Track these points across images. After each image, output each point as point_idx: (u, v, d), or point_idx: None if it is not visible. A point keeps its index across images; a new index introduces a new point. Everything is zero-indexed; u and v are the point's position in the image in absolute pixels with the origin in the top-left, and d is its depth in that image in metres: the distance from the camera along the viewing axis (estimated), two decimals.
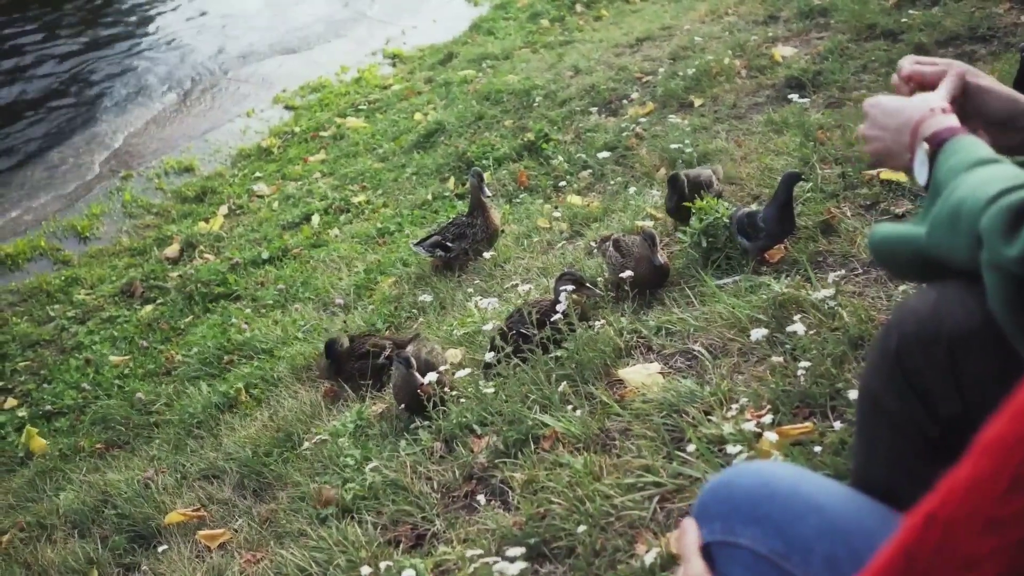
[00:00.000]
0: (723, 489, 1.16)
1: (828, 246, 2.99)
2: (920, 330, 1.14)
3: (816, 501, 1.08)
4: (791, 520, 1.07)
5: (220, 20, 11.81)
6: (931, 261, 1.16)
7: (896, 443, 1.21)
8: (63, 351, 5.48)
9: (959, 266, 1.10)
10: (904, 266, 1.24)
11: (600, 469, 2.20)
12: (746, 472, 1.17)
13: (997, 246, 1.00)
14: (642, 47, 6.59)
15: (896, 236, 1.22)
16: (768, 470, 1.16)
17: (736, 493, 1.14)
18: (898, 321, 1.18)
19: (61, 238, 7.15)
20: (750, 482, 1.14)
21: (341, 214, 6.02)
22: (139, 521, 3.23)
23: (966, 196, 1.09)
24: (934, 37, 4.55)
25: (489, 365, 2.91)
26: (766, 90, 4.84)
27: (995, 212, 1.02)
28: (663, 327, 2.82)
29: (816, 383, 2.21)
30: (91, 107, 9.47)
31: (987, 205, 1.04)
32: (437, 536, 2.34)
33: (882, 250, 1.25)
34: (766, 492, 1.12)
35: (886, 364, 1.18)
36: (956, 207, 1.10)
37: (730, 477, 1.18)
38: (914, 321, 1.15)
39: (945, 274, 1.15)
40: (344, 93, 8.93)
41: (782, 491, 1.11)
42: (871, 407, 1.23)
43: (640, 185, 4.28)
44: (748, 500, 1.12)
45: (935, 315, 1.13)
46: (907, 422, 1.18)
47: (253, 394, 3.94)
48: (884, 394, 1.20)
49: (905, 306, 1.18)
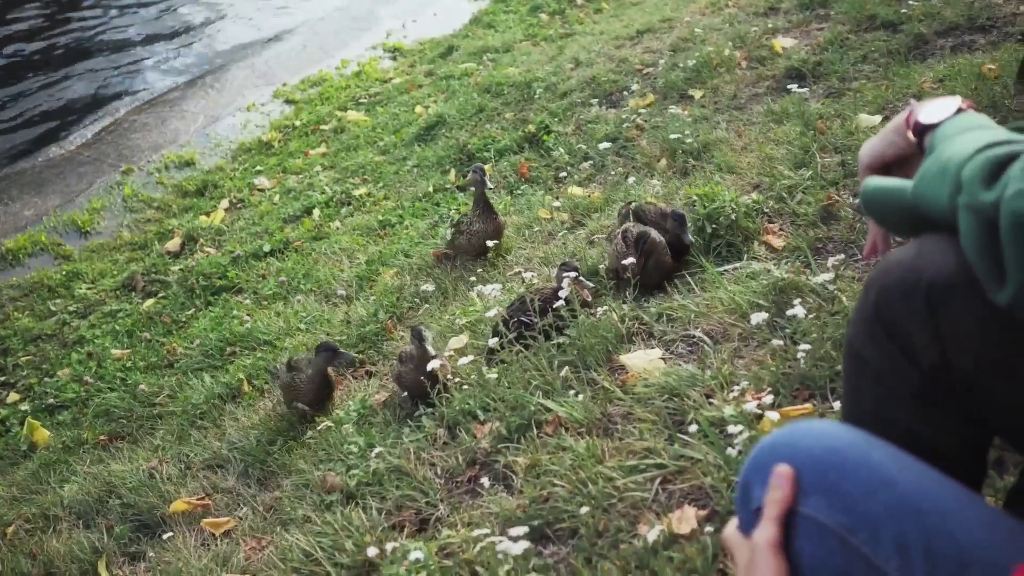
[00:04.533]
0: (784, 449, 1.09)
1: (828, 232, 3.00)
2: (899, 280, 1.15)
3: (889, 474, 1.03)
4: (862, 493, 1.02)
5: (220, 13, 11.80)
6: (917, 215, 1.18)
7: (879, 395, 1.21)
8: (65, 345, 5.49)
9: (940, 216, 1.12)
10: (891, 219, 1.26)
11: (602, 452, 2.22)
12: (811, 432, 1.10)
13: (976, 191, 1.02)
14: (642, 39, 6.59)
15: (885, 188, 1.25)
16: (835, 433, 1.09)
17: (800, 456, 1.07)
18: (879, 274, 1.19)
19: (62, 233, 7.15)
20: (817, 445, 1.07)
21: (342, 207, 6.03)
22: (144, 511, 3.24)
23: (955, 151, 1.12)
24: (933, 28, 4.56)
25: (492, 352, 2.92)
26: (766, 81, 4.85)
27: (978, 161, 1.05)
28: (664, 313, 2.84)
29: (816, 366, 2.22)
30: (91, 102, 9.48)
31: (972, 155, 1.07)
32: (441, 520, 2.36)
33: (871, 201, 1.27)
34: (835, 459, 1.05)
35: (866, 316, 1.20)
36: (945, 161, 1.12)
37: (792, 438, 1.10)
38: (895, 272, 1.16)
39: (930, 229, 1.17)
40: (345, 87, 8.93)
41: (852, 459, 1.05)
42: (854, 360, 1.24)
43: (640, 176, 4.29)
44: (815, 466, 1.05)
45: (914, 265, 1.14)
46: (888, 373, 1.19)
47: (256, 384, 3.96)
48: (865, 346, 1.21)
49: (885, 260, 1.20)
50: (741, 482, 1.16)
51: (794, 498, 1.06)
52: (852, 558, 1.01)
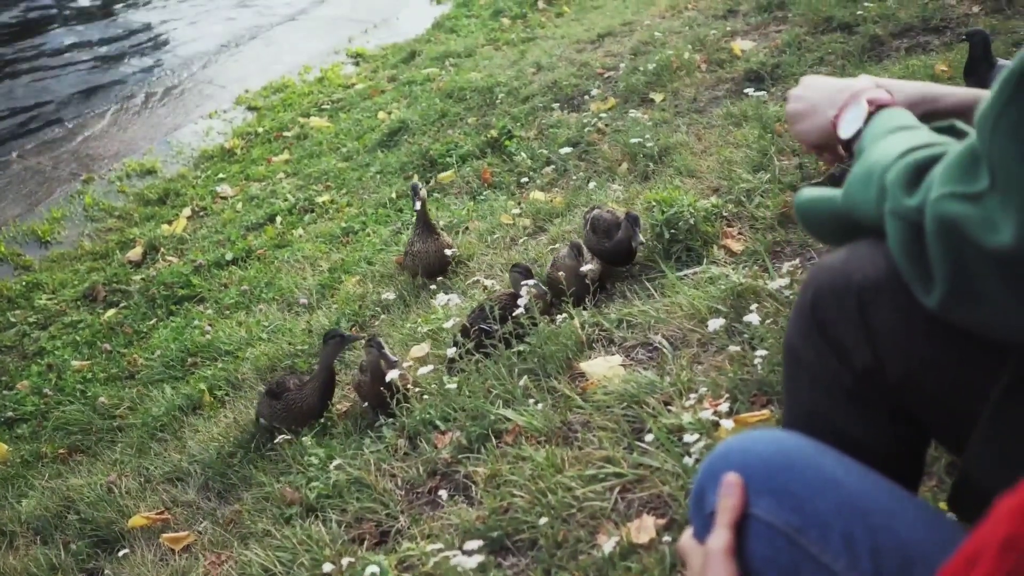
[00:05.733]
0: (737, 455, 1.11)
1: (786, 236, 3.03)
2: (832, 282, 1.18)
3: (835, 475, 1.05)
4: (810, 494, 1.03)
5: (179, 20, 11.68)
6: (848, 222, 1.20)
7: (815, 396, 1.24)
8: (25, 357, 5.39)
9: (869, 222, 1.14)
10: (824, 228, 1.29)
11: (562, 461, 2.22)
12: (763, 439, 1.12)
13: (899, 196, 1.05)
14: (603, 43, 6.61)
15: (817, 198, 1.27)
16: (785, 439, 1.12)
17: (752, 460, 1.09)
18: (813, 276, 1.23)
19: (21, 243, 7.03)
20: (768, 449, 1.09)
21: (305, 214, 5.99)
22: (102, 526, 3.19)
23: (880, 156, 1.15)
24: (889, 29, 4.62)
25: (452, 361, 2.91)
26: (726, 84, 4.88)
27: (901, 166, 1.08)
28: (624, 319, 2.84)
29: (773, 371, 2.23)
30: (49, 109, 9.33)
31: (896, 160, 1.10)
32: (401, 532, 2.34)
33: (805, 212, 1.30)
34: (784, 461, 1.07)
35: (802, 317, 1.23)
36: (872, 165, 1.15)
37: (744, 444, 1.12)
38: (826, 276, 1.20)
39: (861, 236, 1.20)
40: (307, 93, 8.87)
41: (801, 462, 1.07)
42: (792, 361, 1.27)
43: (602, 180, 4.30)
44: (764, 468, 1.07)
45: (845, 268, 1.18)
46: (823, 373, 1.22)
47: (217, 396, 3.91)
48: (801, 347, 1.24)
49: (819, 263, 1.24)
50: (695, 489, 1.18)
51: (745, 502, 1.07)
52: (801, 557, 1.02)
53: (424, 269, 4.01)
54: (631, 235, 3.05)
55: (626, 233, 3.08)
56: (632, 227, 3.05)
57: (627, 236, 3.07)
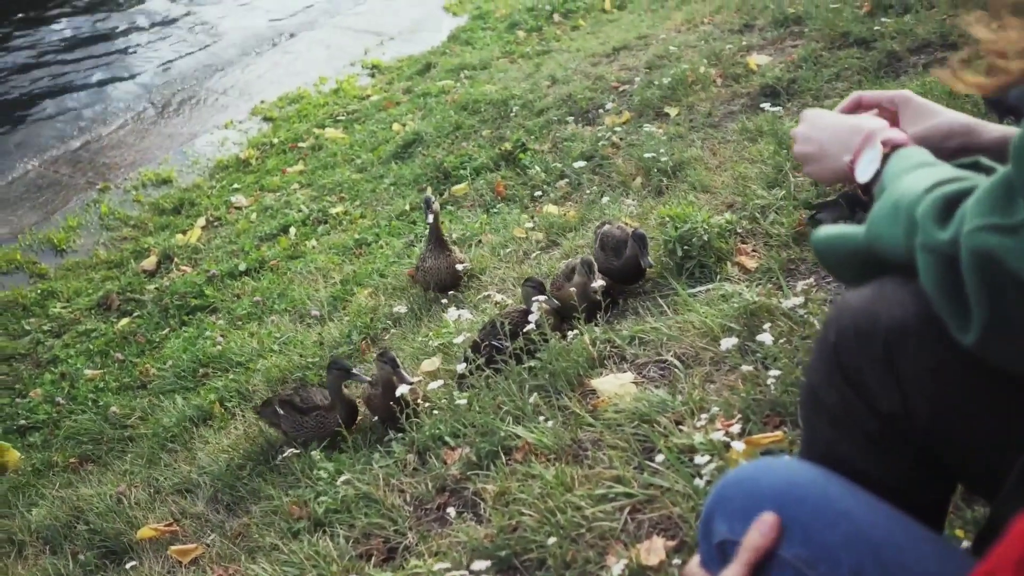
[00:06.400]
0: (748, 483, 1.11)
1: (800, 253, 3.00)
2: (856, 323, 1.14)
3: (845, 508, 1.04)
4: (820, 527, 1.03)
5: (197, 29, 11.76)
6: (870, 259, 1.17)
7: (834, 438, 1.19)
8: (38, 365, 5.43)
9: (895, 258, 1.11)
10: (844, 265, 1.24)
11: (572, 480, 2.19)
12: (772, 469, 1.12)
13: (931, 230, 1.02)
14: (619, 56, 6.61)
15: (837, 235, 1.23)
16: (796, 469, 1.12)
17: (762, 490, 1.08)
18: (836, 315, 1.18)
19: (37, 251, 7.08)
20: (777, 480, 1.09)
21: (319, 225, 6.00)
22: (111, 537, 3.19)
23: (905, 191, 1.12)
24: (906, 44, 4.59)
25: (463, 376, 2.90)
26: (741, 98, 4.86)
27: (930, 200, 1.05)
28: (636, 336, 2.82)
29: (787, 391, 2.21)
30: (67, 119, 9.39)
31: (923, 194, 1.07)
32: (409, 549, 2.33)
33: (824, 250, 1.26)
34: (795, 494, 1.07)
35: (824, 359, 1.18)
36: (896, 201, 1.12)
37: (755, 472, 1.12)
38: (851, 315, 1.15)
39: (883, 273, 1.16)
40: (323, 104, 8.90)
41: (811, 494, 1.06)
42: (811, 402, 1.23)
43: (616, 194, 4.29)
44: (775, 500, 1.07)
45: (871, 309, 1.13)
46: (845, 416, 1.17)
47: (228, 407, 3.91)
48: (823, 388, 1.19)
49: (843, 301, 1.18)
50: (704, 515, 1.16)
51: (773, 545, 1.05)
52: None
53: (436, 284, 4.00)
54: (638, 254, 3.03)
55: (633, 251, 3.06)
56: (638, 247, 3.03)
57: (634, 254, 3.05)
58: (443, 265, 3.93)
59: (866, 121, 1.40)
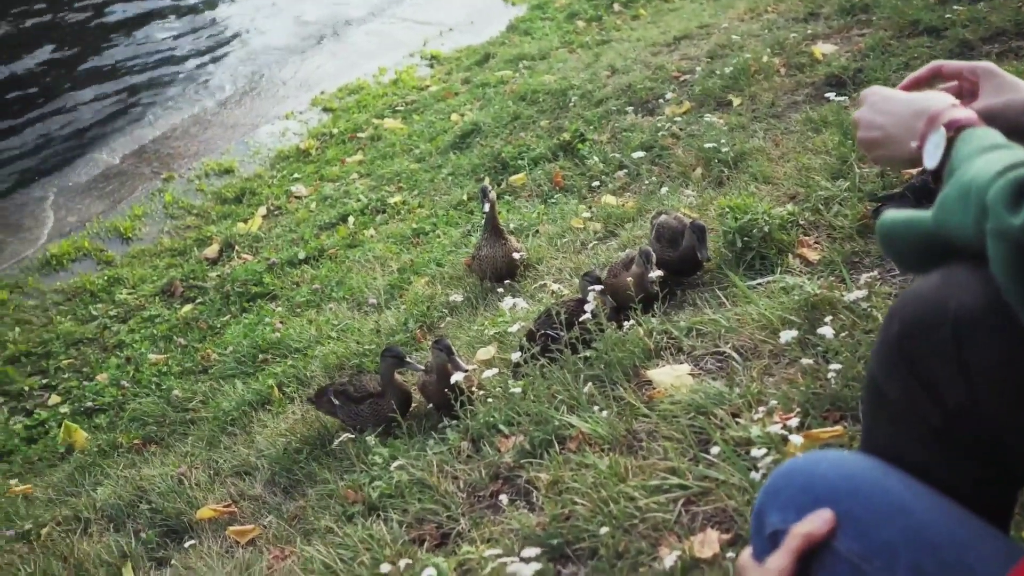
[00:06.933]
0: (801, 476, 1.08)
1: (865, 246, 2.93)
2: (922, 314, 1.08)
3: (904, 503, 1.01)
4: (876, 521, 1.00)
5: (258, 21, 11.93)
6: (936, 246, 1.11)
7: (896, 432, 1.14)
8: (105, 349, 5.58)
9: (964, 244, 1.06)
10: (910, 252, 1.18)
11: (625, 470, 2.17)
12: (826, 461, 1.09)
13: (1002, 215, 0.97)
14: (680, 46, 6.53)
15: (903, 219, 1.17)
16: (852, 461, 1.09)
17: (816, 483, 1.06)
18: (900, 306, 1.12)
19: (104, 239, 7.27)
20: (833, 471, 1.06)
21: (377, 215, 6.05)
22: (172, 516, 3.26)
23: (976, 174, 1.06)
24: (979, 33, 4.45)
25: (517, 365, 2.89)
26: (805, 88, 4.76)
27: (1002, 184, 1.00)
28: (694, 328, 2.78)
29: (848, 386, 2.15)
30: (135, 109, 9.63)
31: (995, 178, 1.01)
32: (462, 535, 2.33)
33: (889, 235, 1.19)
34: (850, 487, 1.04)
35: (888, 349, 1.12)
36: (967, 184, 1.06)
37: (810, 463, 1.09)
38: (916, 305, 1.09)
39: (950, 261, 1.10)
40: (382, 95, 8.97)
41: (867, 487, 1.03)
42: (873, 394, 1.17)
43: (675, 185, 4.24)
44: (829, 493, 1.04)
45: (938, 298, 1.07)
46: (908, 410, 1.12)
47: (286, 392, 3.97)
48: (885, 380, 1.14)
49: (908, 291, 1.13)
50: (756, 507, 1.15)
51: (823, 537, 1.03)
52: None
53: (492, 273, 4.00)
54: (695, 245, 2.99)
55: (690, 242, 3.02)
56: (696, 238, 2.98)
57: (691, 245, 3.01)
58: (499, 254, 3.92)
59: (930, 101, 1.33)
